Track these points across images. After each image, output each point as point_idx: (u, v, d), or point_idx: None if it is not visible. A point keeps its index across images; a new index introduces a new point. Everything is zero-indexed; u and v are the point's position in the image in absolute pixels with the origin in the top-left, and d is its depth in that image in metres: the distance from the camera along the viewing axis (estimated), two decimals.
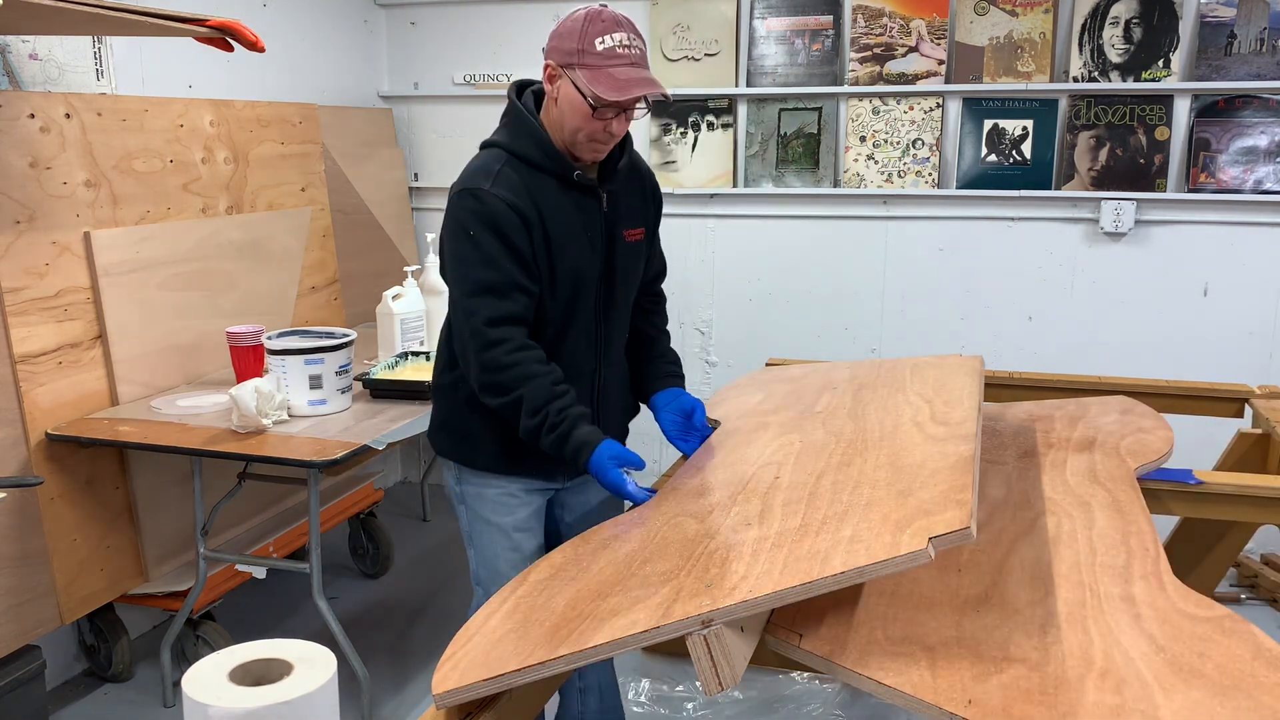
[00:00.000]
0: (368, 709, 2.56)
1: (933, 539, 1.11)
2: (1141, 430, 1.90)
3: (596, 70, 1.69)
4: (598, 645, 1.11)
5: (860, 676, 1.08)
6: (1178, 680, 1.05)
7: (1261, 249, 3.31)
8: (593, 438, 1.68)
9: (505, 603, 1.29)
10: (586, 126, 1.73)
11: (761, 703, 2.57)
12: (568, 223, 1.78)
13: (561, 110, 1.74)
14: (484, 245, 1.70)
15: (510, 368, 1.69)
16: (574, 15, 1.73)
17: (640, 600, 1.18)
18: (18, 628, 2.35)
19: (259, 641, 1.01)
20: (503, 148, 1.78)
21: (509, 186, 1.73)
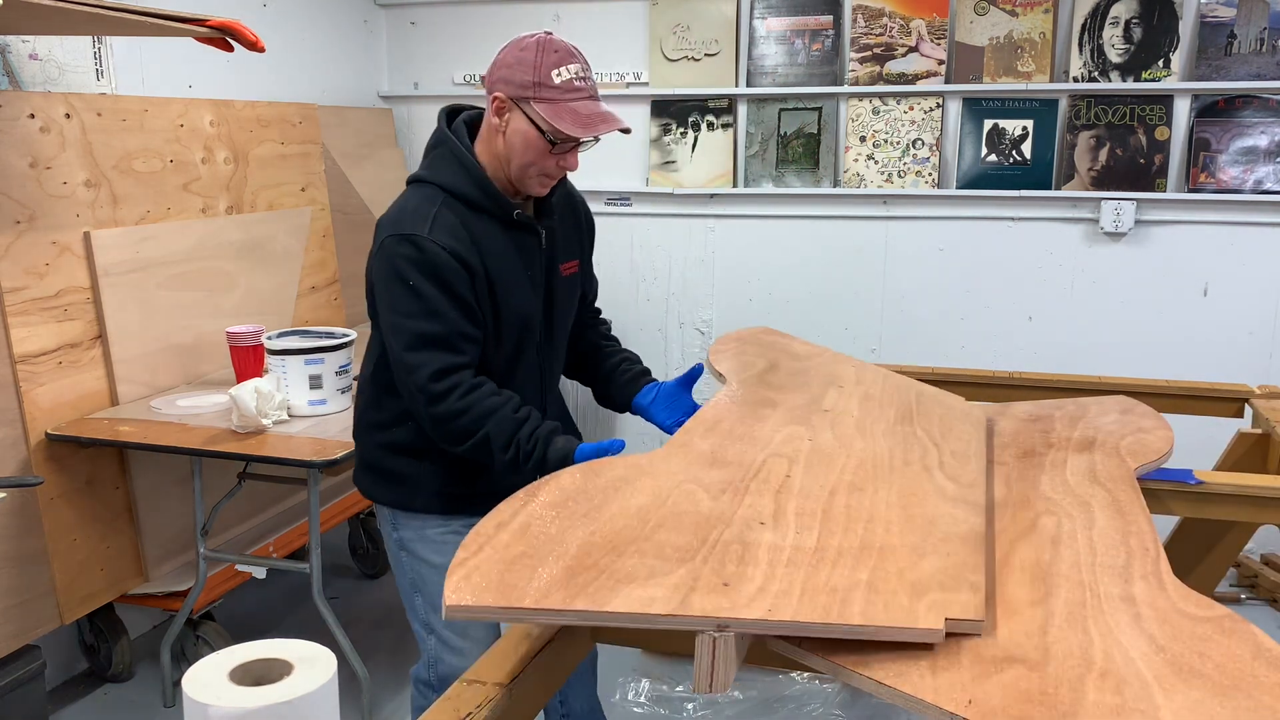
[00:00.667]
0: (368, 709, 2.56)
1: (948, 620, 1.12)
2: (1141, 430, 1.90)
3: (556, 104, 1.62)
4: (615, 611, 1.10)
5: (860, 676, 1.08)
6: (1178, 680, 1.05)
7: (1261, 249, 3.31)
8: (568, 447, 1.64)
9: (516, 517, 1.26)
10: (540, 162, 1.67)
11: (761, 703, 2.57)
12: (510, 265, 1.72)
13: (511, 144, 1.67)
14: (425, 295, 1.62)
15: (465, 412, 1.62)
16: (522, 44, 1.66)
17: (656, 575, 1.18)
18: (18, 628, 2.35)
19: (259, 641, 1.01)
20: (438, 186, 1.70)
21: (448, 231, 1.64)
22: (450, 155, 1.72)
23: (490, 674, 1.20)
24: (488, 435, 1.63)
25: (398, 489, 1.82)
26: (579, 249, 1.92)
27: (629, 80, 3.78)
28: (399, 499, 1.82)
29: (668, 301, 3.90)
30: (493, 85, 1.67)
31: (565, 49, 1.66)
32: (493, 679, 1.19)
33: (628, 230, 3.88)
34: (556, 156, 1.67)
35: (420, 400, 1.64)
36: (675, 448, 1.60)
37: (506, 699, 1.17)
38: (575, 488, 1.39)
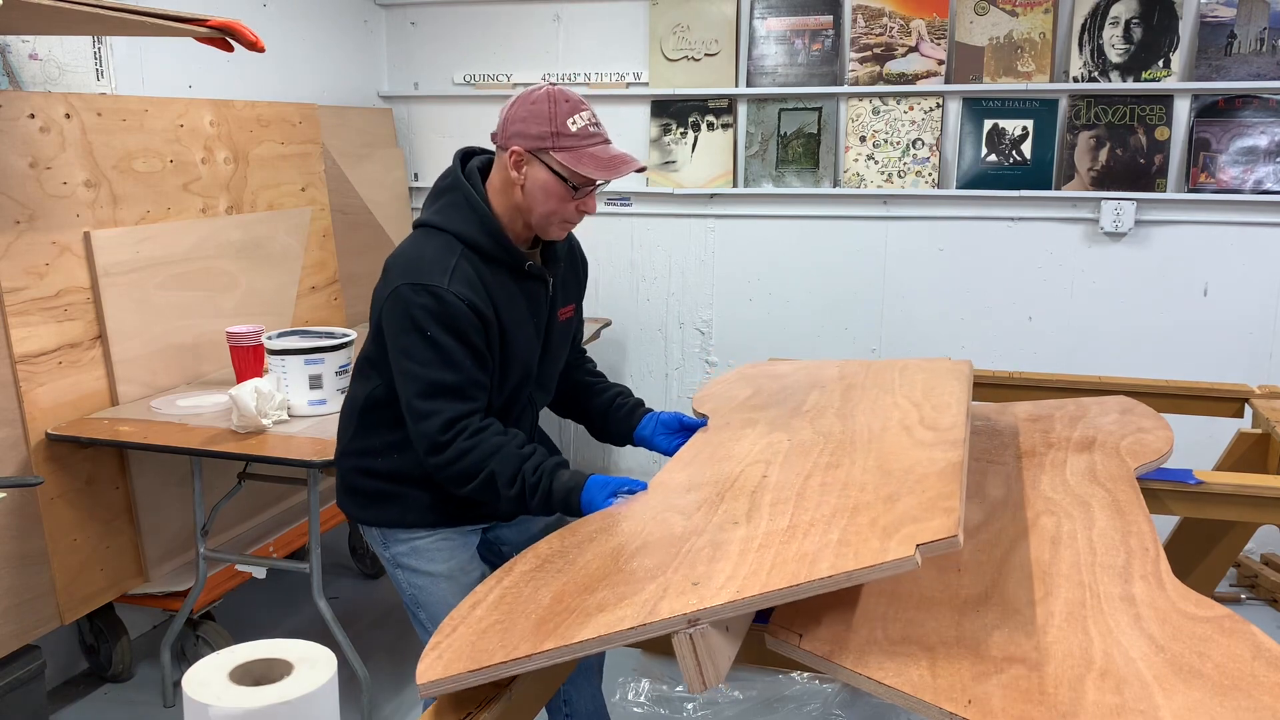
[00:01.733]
0: (368, 709, 2.56)
1: (920, 546, 1.11)
2: (1141, 430, 1.90)
3: (577, 152, 1.67)
4: (584, 640, 1.11)
5: (860, 676, 1.08)
6: (1178, 680, 1.05)
7: (1261, 249, 3.31)
8: (575, 480, 1.65)
9: (491, 592, 1.29)
10: (561, 210, 1.71)
11: (761, 703, 2.57)
12: (519, 314, 1.76)
13: (531, 195, 1.70)
14: (443, 346, 1.65)
15: (471, 451, 1.64)
16: (532, 97, 1.69)
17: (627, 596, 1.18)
18: (18, 628, 2.35)
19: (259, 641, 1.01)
20: (454, 235, 1.72)
21: (467, 283, 1.67)
22: (465, 203, 1.74)
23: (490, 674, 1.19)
24: (493, 473, 1.65)
25: (386, 509, 1.83)
26: (576, 293, 1.97)
27: (629, 80, 3.78)
28: (388, 519, 1.83)
29: (668, 301, 3.90)
30: (508, 140, 1.70)
31: (575, 98, 1.71)
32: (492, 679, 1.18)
33: (628, 230, 3.88)
34: (577, 201, 1.72)
35: (426, 445, 1.67)
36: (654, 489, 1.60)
37: (507, 699, 1.17)
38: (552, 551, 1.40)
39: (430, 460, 1.67)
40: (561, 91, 1.70)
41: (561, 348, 1.93)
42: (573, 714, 2.02)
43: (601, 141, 1.71)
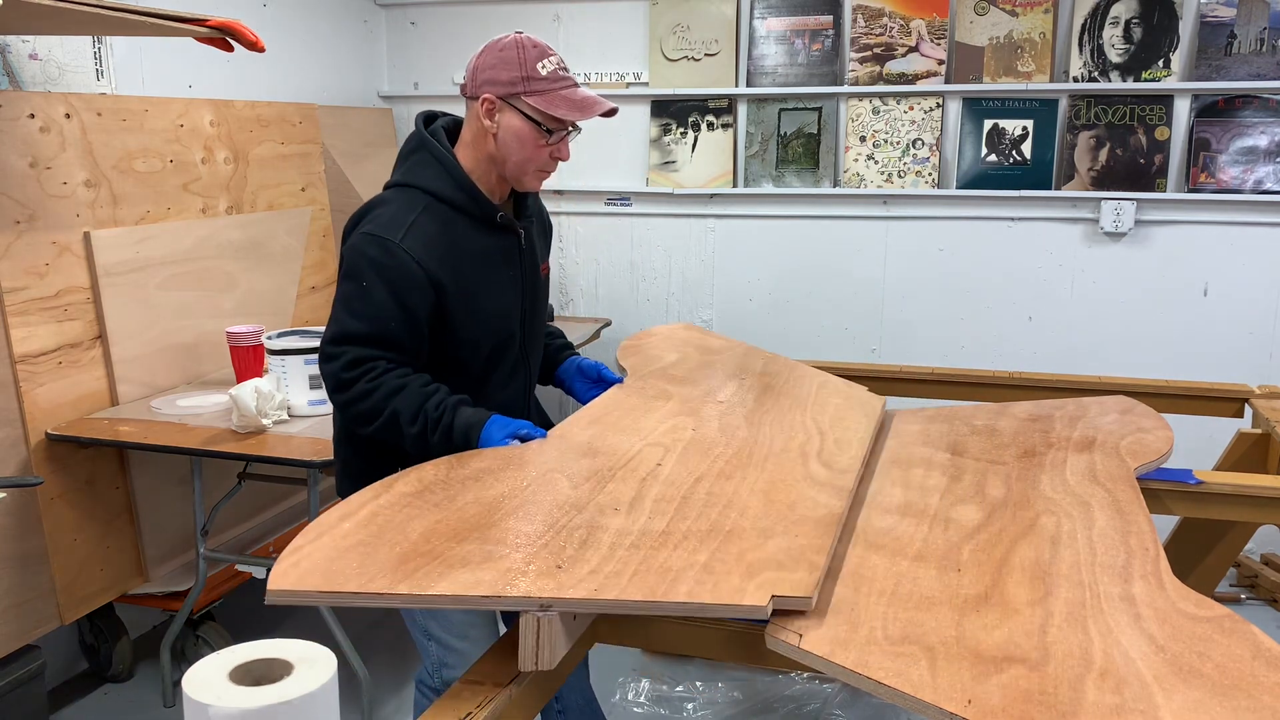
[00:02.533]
0: (368, 709, 2.56)
1: (774, 598, 1.15)
2: (1141, 430, 1.90)
3: (549, 95, 1.67)
4: (437, 594, 1.12)
5: (860, 676, 1.08)
6: (1177, 680, 1.05)
7: (1261, 249, 3.31)
8: (477, 417, 1.64)
9: (364, 507, 1.28)
10: (536, 156, 1.71)
11: (761, 703, 2.57)
12: (491, 267, 1.75)
13: (505, 142, 1.70)
14: (374, 300, 1.64)
15: (375, 390, 1.64)
16: (500, 45, 1.70)
17: (492, 558, 1.20)
18: (18, 628, 2.35)
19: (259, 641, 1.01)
20: (421, 189, 1.71)
21: (423, 241, 1.66)
22: (431, 159, 1.73)
23: (490, 674, 1.20)
24: (396, 412, 1.64)
25: None
26: (545, 252, 1.97)
27: (629, 80, 3.78)
28: None
29: (668, 301, 3.90)
30: (478, 88, 1.70)
31: (542, 44, 1.71)
32: (493, 679, 1.19)
33: (628, 230, 3.88)
34: (550, 147, 1.71)
35: (331, 383, 1.67)
36: (553, 439, 1.62)
37: (506, 699, 1.17)
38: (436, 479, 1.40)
39: (334, 398, 1.68)
40: (528, 38, 1.71)
41: (544, 305, 1.94)
42: (565, 710, 2.02)
43: (571, 85, 1.70)
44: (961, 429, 1.93)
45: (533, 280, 1.87)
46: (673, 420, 1.75)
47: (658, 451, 1.59)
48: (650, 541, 1.27)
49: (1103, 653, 1.10)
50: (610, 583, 1.16)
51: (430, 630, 1.84)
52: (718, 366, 2.12)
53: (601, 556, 1.22)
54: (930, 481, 1.64)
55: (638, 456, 1.56)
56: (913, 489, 1.60)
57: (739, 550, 1.26)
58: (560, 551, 1.23)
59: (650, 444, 1.63)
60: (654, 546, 1.26)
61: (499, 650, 1.26)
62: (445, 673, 1.85)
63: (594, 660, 2.11)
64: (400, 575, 1.15)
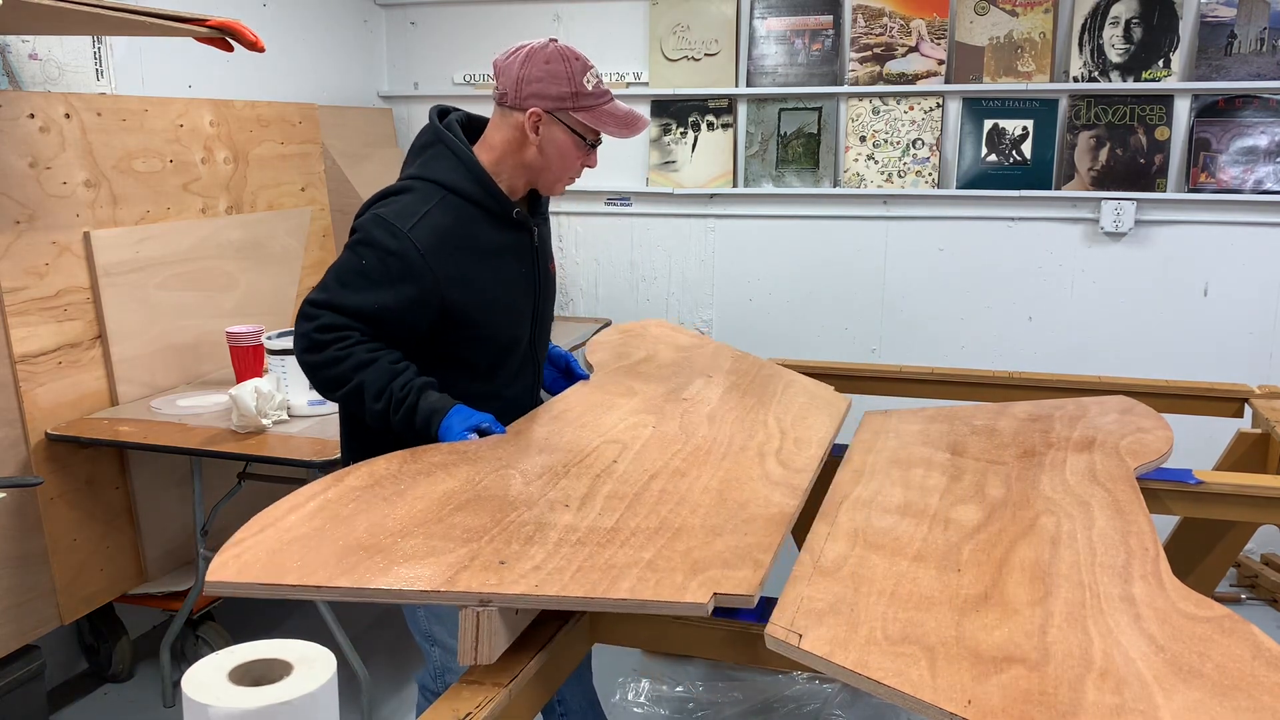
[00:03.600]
0: (368, 709, 2.56)
1: (716, 594, 1.16)
2: (1141, 430, 1.90)
3: (596, 111, 1.70)
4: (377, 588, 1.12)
5: (860, 676, 1.08)
6: (1178, 680, 1.05)
7: (1261, 249, 3.31)
8: (441, 404, 1.64)
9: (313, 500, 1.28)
10: (573, 166, 1.75)
11: (761, 703, 2.57)
12: (504, 263, 1.76)
13: (548, 155, 1.72)
14: (369, 277, 1.64)
15: (345, 359, 1.63)
16: (545, 56, 1.68)
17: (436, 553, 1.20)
18: (18, 628, 2.35)
19: (259, 641, 1.01)
20: (438, 183, 1.70)
21: (434, 233, 1.66)
22: (448, 152, 1.73)
23: (490, 674, 1.20)
24: (361, 384, 1.63)
25: None
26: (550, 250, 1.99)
27: (629, 80, 3.77)
28: None
29: (668, 301, 3.90)
30: (523, 100, 1.69)
31: (582, 56, 1.72)
32: (492, 679, 1.19)
33: (628, 230, 3.88)
34: (584, 158, 1.76)
35: (303, 343, 1.66)
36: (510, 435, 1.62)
37: (506, 699, 1.17)
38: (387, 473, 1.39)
39: (302, 358, 1.67)
40: (569, 49, 1.71)
41: (552, 301, 1.95)
42: (567, 713, 2.01)
43: (611, 99, 1.74)
44: (961, 429, 1.93)
45: (544, 278, 1.88)
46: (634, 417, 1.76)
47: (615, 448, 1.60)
48: (597, 538, 1.28)
49: (1103, 653, 1.10)
50: (552, 579, 1.16)
51: (434, 634, 1.83)
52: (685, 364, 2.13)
53: (546, 553, 1.23)
54: (930, 481, 1.64)
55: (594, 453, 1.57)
56: (913, 489, 1.60)
57: (686, 548, 1.27)
58: (505, 547, 1.23)
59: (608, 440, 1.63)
60: (600, 543, 1.26)
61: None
62: (448, 677, 1.85)
63: (594, 660, 2.11)
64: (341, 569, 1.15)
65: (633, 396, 1.85)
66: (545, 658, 1.25)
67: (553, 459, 1.52)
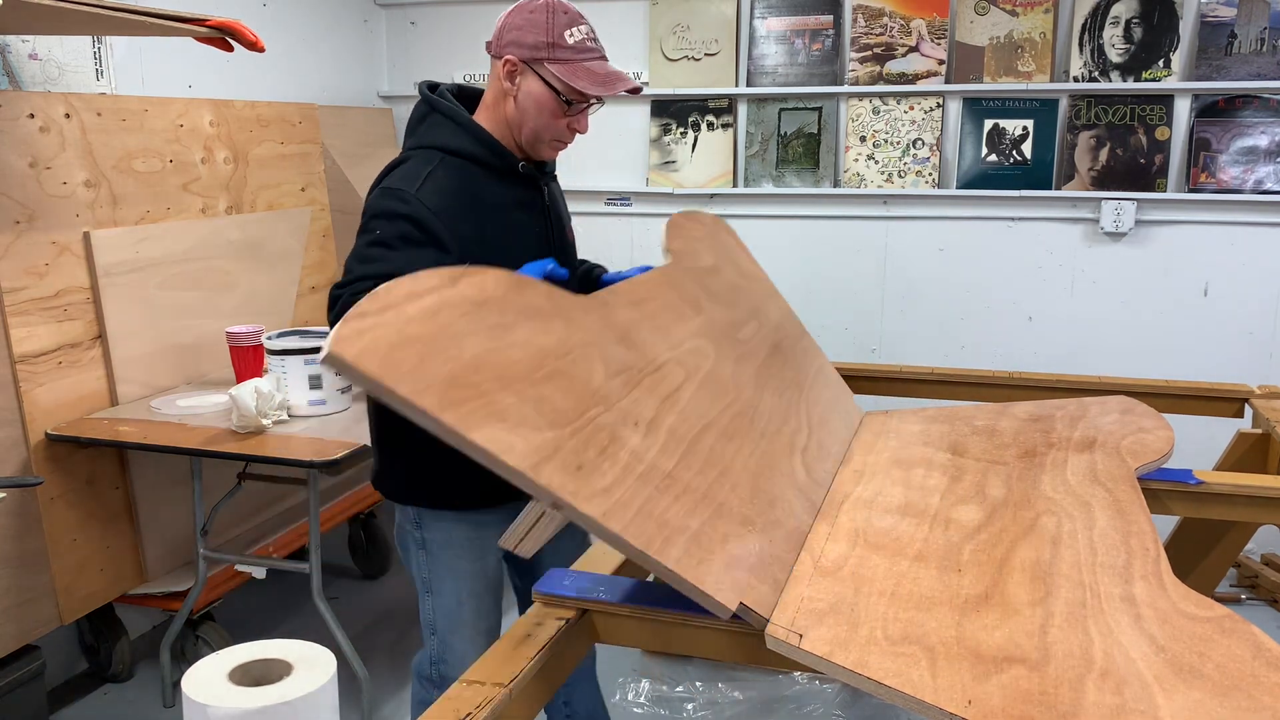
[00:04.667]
0: (368, 709, 2.56)
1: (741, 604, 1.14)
2: (1142, 430, 1.90)
3: (571, 64, 1.62)
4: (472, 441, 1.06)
5: (860, 677, 1.08)
6: (1178, 681, 1.05)
7: (1261, 249, 3.31)
8: None
9: (431, 294, 1.17)
10: (552, 124, 1.67)
11: (761, 703, 2.57)
12: (515, 219, 1.70)
13: (523, 108, 1.66)
14: (387, 245, 1.57)
15: None
16: (530, 7, 1.64)
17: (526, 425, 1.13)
18: (18, 628, 2.35)
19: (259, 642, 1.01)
20: (436, 147, 1.66)
21: (439, 191, 1.61)
22: (443, 118, 1.69)
23: (490, 674, 1.20)
24: None
25: (430, 489, 1.76)
26: (569, 216, 1.93)
27: None
28: (430, 498, 1.76)
29: None
30: (502, 49, 1.65)
31: (574, 11, 1.66)
32: (493, 679, 1.19)
33: (628, 230, 3.88)
34: (569, 119, 1.67)
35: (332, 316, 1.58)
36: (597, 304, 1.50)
37: (506, 699, 1.17)
38: (495, 293, 1.27)
39: None
40: (561, 3, 1.65)
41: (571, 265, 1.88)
42: (573, 715, 2.01)
43: (598, 57, 1.66)
44: (962, 429, 1.93)
45: (559, 234, 1.82)
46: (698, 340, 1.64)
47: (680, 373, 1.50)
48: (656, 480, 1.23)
49: (1103, 653, 1.10)
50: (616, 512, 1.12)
51: (436, 626, 1.82)
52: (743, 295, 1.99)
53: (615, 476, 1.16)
54: (931, 482, 1.64)
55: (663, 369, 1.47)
56: (913, 489, 1.60)
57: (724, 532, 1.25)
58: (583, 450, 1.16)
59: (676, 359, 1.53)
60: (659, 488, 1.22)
61: (499, 650, 1.26)
62: (442, 667, 1.85)
63: None
64: (447, 401, 1.06)
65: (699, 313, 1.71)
66: (545, 658, 1.25)
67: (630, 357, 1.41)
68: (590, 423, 1.21)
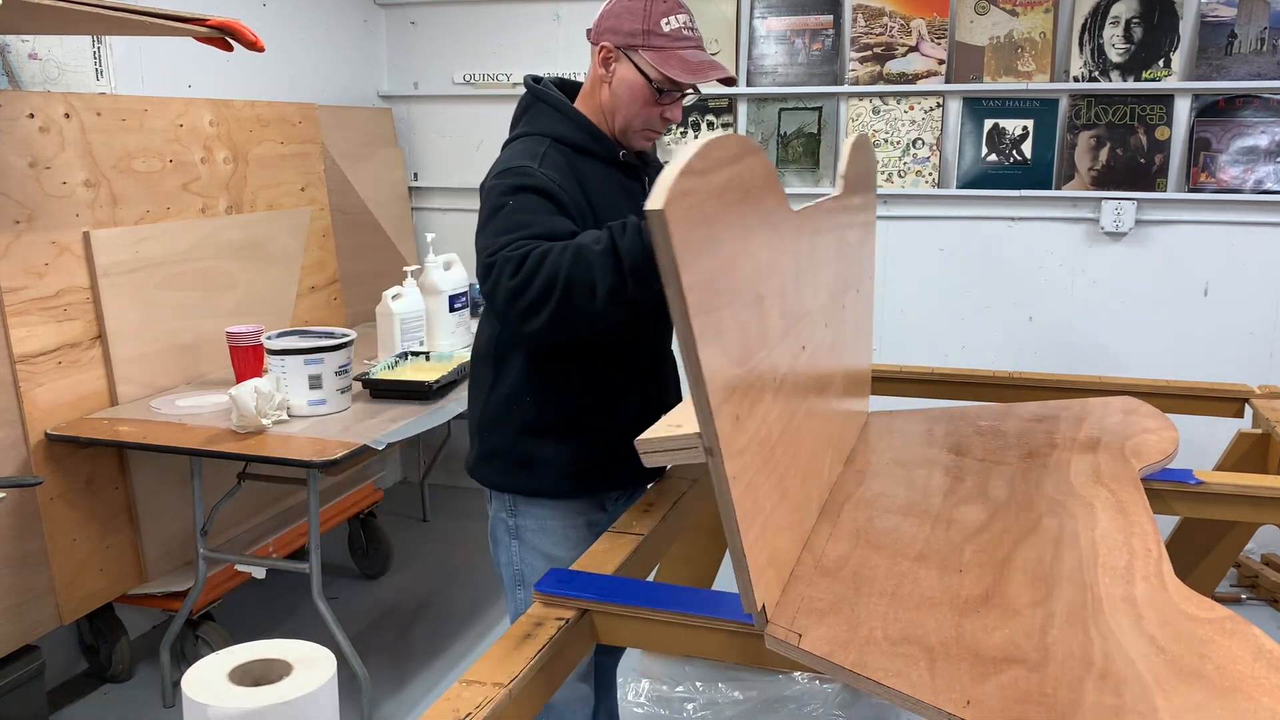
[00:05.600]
0: (368, 709, 2.56)
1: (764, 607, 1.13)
2: (1146, 431, 1.90)
3: (665, 52, 1.62)
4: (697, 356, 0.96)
5: (860, 677, 1.08)
6: (1178, 682, 1.05)
7: (1261, 249, 3.31)
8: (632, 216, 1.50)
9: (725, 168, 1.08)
10: (644, 113, 1.65)
11: (761, 703, 2.57)
12: (617, 208, 1.65)
13: (617, 95, 1.65)
14: (523, 209, 1.52)
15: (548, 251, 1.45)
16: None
17: (728, 354, 1.06)
18: (18, 628, 2.35)
19: (259, 642, 1.01)
20: (542, 134, 1.65)
21: (556, 168, 1.60)
22: (547, 108, 1.69)
23: (490, 674, 1.20)
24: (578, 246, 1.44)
25: (527, 475, 1.73)
26: None
27: None
28: (527, 485, 1.74)
29: None
30: (599, 35, 1.65)
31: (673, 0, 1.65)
32: (492, 679, 1.18)
33: None
34: (661, 107, 1.65)
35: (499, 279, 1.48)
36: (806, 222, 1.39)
37: (506, 699, 1.17)
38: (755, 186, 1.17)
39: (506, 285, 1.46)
40: None
41: None
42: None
43: (693, 46, 1.66)
44: (965, 429, 1.93)
45: None
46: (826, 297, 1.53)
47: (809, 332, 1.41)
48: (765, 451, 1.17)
49: (1103, 654, 1.10)
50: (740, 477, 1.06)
51: (523, 576, 1.78)
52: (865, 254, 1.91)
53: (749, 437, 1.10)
54: (933, 482, 1.64)
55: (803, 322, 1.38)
56: (915, 489, 1.60)
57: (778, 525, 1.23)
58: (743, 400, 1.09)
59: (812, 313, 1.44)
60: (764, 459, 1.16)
61: (499, 650, 1.26)
62: None
63: None
64: (702, 305, 0.98)
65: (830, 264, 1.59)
66: (545, 658, 1.25)
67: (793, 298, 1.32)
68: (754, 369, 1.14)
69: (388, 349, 2.92)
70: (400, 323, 2.92)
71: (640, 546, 1.58)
